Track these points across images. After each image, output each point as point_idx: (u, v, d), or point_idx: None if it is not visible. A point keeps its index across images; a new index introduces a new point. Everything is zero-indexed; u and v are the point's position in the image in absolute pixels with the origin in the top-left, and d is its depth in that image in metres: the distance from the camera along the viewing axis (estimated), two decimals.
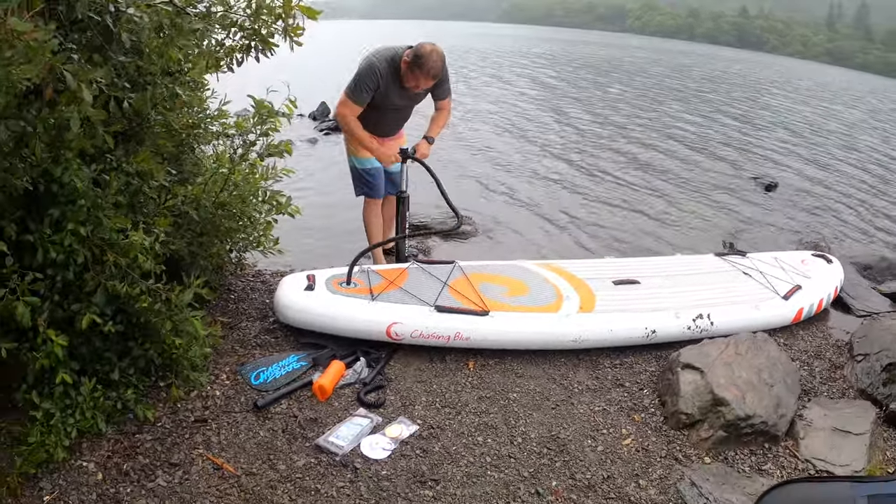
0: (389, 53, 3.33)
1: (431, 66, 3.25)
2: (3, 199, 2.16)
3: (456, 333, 2.96)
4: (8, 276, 2.10)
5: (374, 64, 3.27)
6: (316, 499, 2.28)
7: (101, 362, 2.54)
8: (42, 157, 2.14)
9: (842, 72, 44.38)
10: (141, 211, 2.57)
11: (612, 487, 2.43)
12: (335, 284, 3.12)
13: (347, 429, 2.57)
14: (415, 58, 3.24)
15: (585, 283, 3.38)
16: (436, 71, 3.28)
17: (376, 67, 3.27)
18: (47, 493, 2.19)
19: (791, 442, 2.73)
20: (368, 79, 3.27)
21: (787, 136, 11.16)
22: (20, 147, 2.15)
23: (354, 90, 3.31)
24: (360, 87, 3.29)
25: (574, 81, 18.50)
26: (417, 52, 3.24)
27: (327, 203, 5.54)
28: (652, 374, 3.09)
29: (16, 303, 2.06)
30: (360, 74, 3.29)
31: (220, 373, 2.84)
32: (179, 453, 2.42)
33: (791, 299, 3.43)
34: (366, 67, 3.28)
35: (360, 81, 3.29)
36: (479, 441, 2.60)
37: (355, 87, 3.31)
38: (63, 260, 2.21)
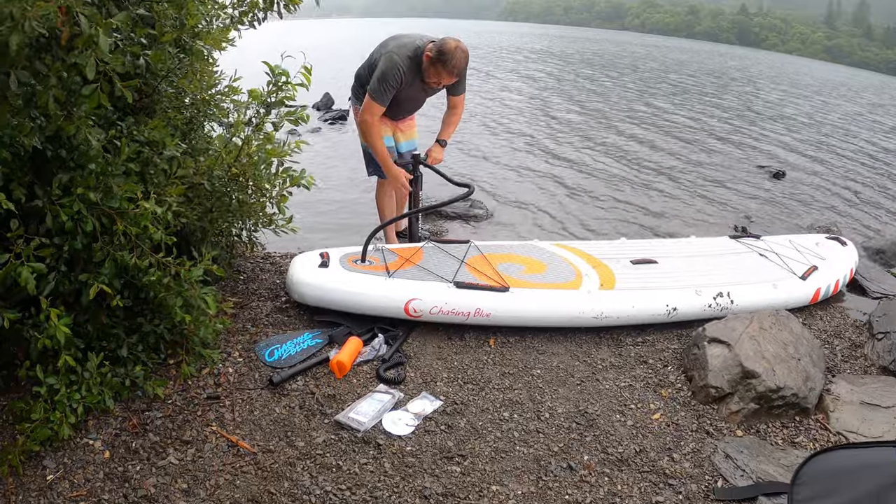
0: (411, 48, 3.22)
1: (455, 64, 3.17)
2: (11, 159, 2.06)
3: (476, 310, 2.87)
4: (13, 239, 1.99)
5: (396, 62, 3.16)
6: (338, 475, 2.17)
7: (109, 339, 2.43)
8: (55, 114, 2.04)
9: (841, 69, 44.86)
10: (151, 181, 2.47)
11: (646, 461, 2.35)
12: (350, 262, 3.03)
13: (368, 405, 2.47)
14: (438, 53, 3.15)
15: (603, 263, 3.31)
16: (459, 68, 3.20)
17: (399, 65, 3.17)
18: (51, 472, 2.08)
19: (821, 415, 2.67)
20: (392, 78, 3.17)
21: (789, 128, 11.23)
22: (30, 106, 2.06)
23: (378, 91, 3.21)
24: (384, 87, 3.19)
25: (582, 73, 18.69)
26: (441, 47, 3.15)
27: (335, 189, 5.51)
28: (675, 351, 3.03)
29: (20, 268, 1.94)
30: (384, 73, 3.17)
31: (232, 350, 2.74)
32: (191, 430, 2.31)
33: (809, 279, 3.39)
34: (389, 66, 3.17)
35: (384, 81, 3.18)
36: (506, 416, 2.52)
37: (379, 88, 3.20)
38: (71, 227, 2.10)
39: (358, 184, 5.55)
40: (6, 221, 2.03)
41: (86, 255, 2.23)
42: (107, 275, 2.18)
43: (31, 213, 2.14)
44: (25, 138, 2.00)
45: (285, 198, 2.76)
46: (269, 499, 2.07)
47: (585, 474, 2.27)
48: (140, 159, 2.41)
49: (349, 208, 5.05)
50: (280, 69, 2.58)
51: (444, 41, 3.19)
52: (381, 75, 3.20)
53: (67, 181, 2.13)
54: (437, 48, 3.17)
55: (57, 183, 2.10)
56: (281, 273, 3.44)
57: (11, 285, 2.02)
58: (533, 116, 10.34)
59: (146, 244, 2.23)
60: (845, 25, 74.98)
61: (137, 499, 2.01)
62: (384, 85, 3.20)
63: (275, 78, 2.58)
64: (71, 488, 2.03)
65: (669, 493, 2.22)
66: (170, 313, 2.50)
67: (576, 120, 10.30)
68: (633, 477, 2.28)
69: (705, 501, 2.20)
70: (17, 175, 2.10)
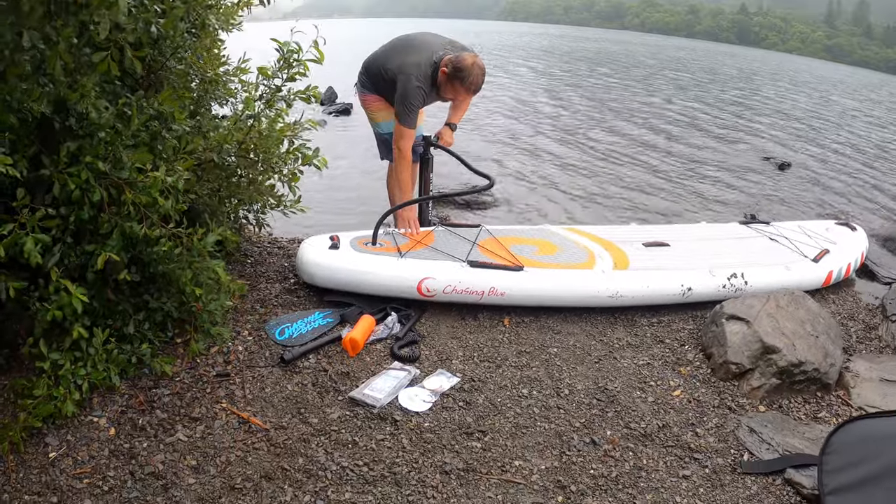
0: (426, 64, 3.14)
1: (472, 81, 3.10)
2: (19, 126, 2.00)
3: (490, 289, 2.82)
4: (18, 209, 1.92)
5: (416, 85, 3.10)
6: (354, 451, 2.11)
7: (115, 316, 2.35)
8: (61, 81, 1.99)
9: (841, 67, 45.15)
10: (161, 156, 2.41)
11: (670, 436, 2.30)
12: (360, 244, 2.97)
13: (384, 381, 2.40)
14: (455, 70, 3.08)
15: (615, 245, 3.28)
16: (477, 85, 3.14)
17: (419, 88, 3.11)
18: (53, 449, 2.00)
19: (842, 391, 2.64)
20: (414, 98, 3.11)
21: (793, 123, 11.33)
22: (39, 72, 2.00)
23: (407, 118, 3.15)
24: (408, 109, 3.13)
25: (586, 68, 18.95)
26: (458, 64, 3.07)
27: (341, 178, 5.52)
28: (691, 331, 2.98)
29: (25, 238, 1.87)
30: (406, 97, 3.10)
31: (241, 329, 2.67)
32: (200, 408, 2.24)
33: (821, 262, 3.37)
34: (410, 89, 3.09)
35: (408, 107, 3.11)
36: (525, 393, 2.46)
37: (407, 115, 3.14)
38: (78, 196, 2.03)
39: (364, 173, 5.54)
40: (12, 191, 1.97)
41: (92, 226, 2.16)
42: (114, 246, 2.12)
43: (37, 183, 2.08)
44: (34, 103, 1.95)
45: (296, 177, 2.70)
46: (282, 475, 2.00)
47: (609, 449, 2.21)
48: (149, 131, 2.36)
49: (356, 197, 5.01)
50: (291, 45, 2.54)
51: (460, 58, 3.09)
52: (404, 99, 3.13)
53: (76, 149, 2.07)
54: (454, 65, 3.08)
55: (65, 151, 2.04)
56: (289, 257, 3.38)
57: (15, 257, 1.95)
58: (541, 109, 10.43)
59: (155, 215, 2.17)
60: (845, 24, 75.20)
61: (144, 475, 1.94)
62: (408, 108, 3.13)
63: (285, 54, 2.54)
64: (74, 465, 1.95)
65: (696, 467, 2.17)
66: (178, 289, 2.44)
67: (582, 112, 10.40)
68: (658, 451, 2.23)
69: (732, 475, 2.16)
70: (22, 144, 2.04)
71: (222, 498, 1.90)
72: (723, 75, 21.71)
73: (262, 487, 1.95)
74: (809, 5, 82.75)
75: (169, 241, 2.19)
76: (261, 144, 2.61)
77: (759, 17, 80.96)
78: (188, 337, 2.47)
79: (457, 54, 3.13)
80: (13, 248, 1.89)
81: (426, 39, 3.31)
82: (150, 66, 2.65)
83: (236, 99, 3.04)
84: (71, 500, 1.83)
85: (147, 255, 2.26)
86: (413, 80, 3.10)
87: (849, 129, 11.39)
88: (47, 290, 1.99)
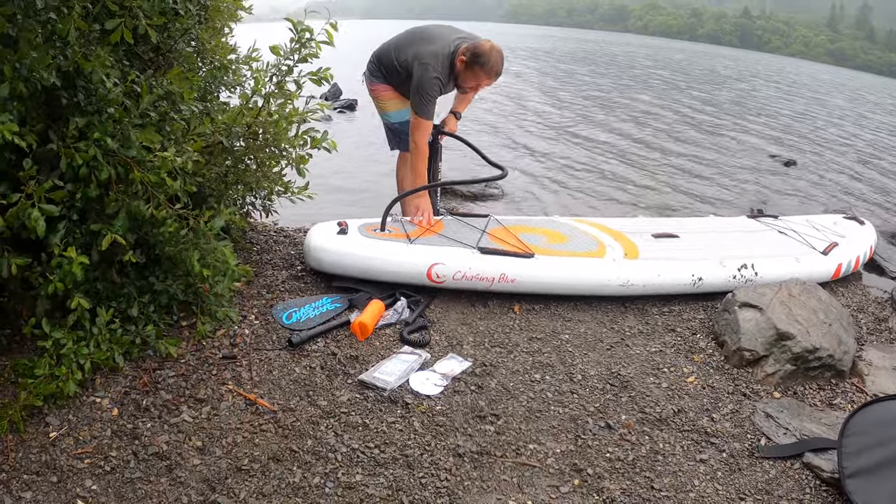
0: (444, 54, 3.10)
1: (494, 65, 3.07)
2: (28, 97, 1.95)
3: (501, 275, 2.79)
4: (25, 180, 1.88)
5: (433, 75, 3.05)
6: (365, 434, 2.06)
7: (119, 299, 2.30)
8: (75, 50, 1.95)
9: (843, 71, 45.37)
10: (169, 138, 2.37)
11: (685, 421, 2.26)
12: (369, 230, 2.93)
13: (394, 364, 2.36)
14: (474, 56, 3.04)
15: (625, 235, 3.25)
16: (498, 69, 3.10)
17: (436, 78, 3.07)
18: (54, 429, 1.95)
19: (856, 378, 2.61)
20: (431, 90, 3.06)
21: (798, 122, 11.46)
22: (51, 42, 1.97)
23: (424, 108, 3.10)
24: (427, 103, 3.09)
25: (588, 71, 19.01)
26: (476, 51, 3.03)
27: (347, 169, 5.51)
28: (702, 321, 2.95)
29: (31, 209, 1.82)
30: (423, 88, 3.05)
31: (247, 314, 2.62)
32: (206, 389, 2.19)
33: (830, 255, 3.35)
34: (427, 80, 3.05)
35: (425, 97, 3.07)
36: (537, 378, 2.42)
37: (423, 105, 3.09)
38: (85, 174, 1.98)
39: (370, 165, 5.55)
40: (18, 163, 1.93)
41: (98, 205, 2.12)
42: (120, 226, 2.07)
43: (44, 157, 2.03)
44: (44, 71, 1.91)
45: (305, 159, 2.66)
46: (291, 456, 1.95)
47: (625, 433, 2.17)
48: (158, 111, 2.32)
49: (362, 189, 5.01)
50: (303, 25, 2.51)
51: (477, 44, 3.07)
52: (420, 89, 3.08)
53: (84, 125, 2.02)
54: (472, 52, 3.05)
55: (73, 125, 1.99)
56: (295, 245, 3.33)
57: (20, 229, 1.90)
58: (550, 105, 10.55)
59: (162, 195, 2.12)
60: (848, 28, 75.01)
61: (148, 456, 1.88)
62: (425, 98, 3.09)
63: (298, 34, 2.51)
64: (76, 445, 1.90)
65: (713, 452, 2.13)
66: (184, 272, 2.39)
67: (589, 111, 10.46)
68: (675, 436, 2.19)
69: (750, 459, 2.12)
70: (31, 117, 2.00)
71: (228, 479, 1.85)
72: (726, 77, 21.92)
73: (270, 469, 1.90)
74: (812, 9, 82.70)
75: (175, 223, 2.15)
76: (269, 126, 2.57)
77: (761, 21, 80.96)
78: (193, 320, 2.43)
79: (473, 41, 3.11)
80: (16, 222, 1.85)
81: (441, 31, 3.29)
82: (160, 48, 2.62)
83: (245, 86, 3.01)
84: (71, 479, 1.78)
85: (153, 236, 2.22)
86: (430, 70, 3.06)
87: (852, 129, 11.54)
88: (49, 265, 1.94)
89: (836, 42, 68.91)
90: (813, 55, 64.16)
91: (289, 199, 2.94)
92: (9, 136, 1.74)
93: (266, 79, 2.60)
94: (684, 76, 19.89)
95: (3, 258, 1.91)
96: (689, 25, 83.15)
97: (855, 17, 78.94)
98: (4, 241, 1.93)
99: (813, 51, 66.73)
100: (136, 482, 1.80)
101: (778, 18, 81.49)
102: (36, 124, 2.01)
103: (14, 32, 1.78)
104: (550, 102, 11.08)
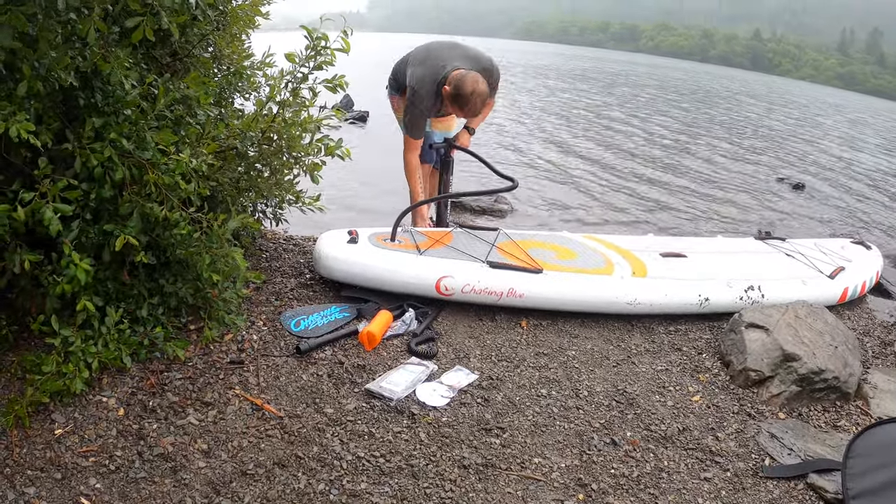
0: (430, 79, 3.18)
1: (471, 108, 3.14)
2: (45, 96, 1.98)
3: (510, 290, 2.80)
4: (39, 178, 1.90)
5: (421, 96, 3.18)
6: (370, 443, 2.06)
7: (128, 299, 2.32)
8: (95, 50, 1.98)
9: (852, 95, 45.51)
10: (184, 140, 2.40)
11: (690, 439, 2.26)
12: (379, 240, 2.95)
13: (401, 375, 2.36)
14: (455, 96, 3.12)
15: (633, 254, 3.26)
16: (475, 112, 3.19)
17: (424, 98, 3.19)
18: (60, 426, 1.95)
19: (861, 401, 2.61)
20: (419, 110, 3.20)
21: (808, 146, 11.53)
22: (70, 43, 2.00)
23: (413, 129, 3.26)
24: (411, 124, 3.25)
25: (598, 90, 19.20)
26: (459, 90, 3.08)
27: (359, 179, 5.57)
28: (708, 341, 2.95)
29: (45, 207, 1.84)
30: (409, 109, 3.21)
31: (256, 320, 2.63)
32: (213, 393, 2.20)
33: (836, 279, 3.36)
34: (416, 100, 3.18)
35: (411, 117, 3.22)
36: (543, 393, 2.42)
37: (413, 127, 3.25)
38: (100, 174, 2.01)
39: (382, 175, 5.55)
40: (33, 161, 1.96)
41: (112, 206, 2.14)
42: (133, 227, 2.09)
43: (59, 158, 2.06)
44: (62, 72, 1.93)
45: (319, 166, 2.69)
46: (296, 462, 1.95)
47: (630, 449, 2.17)
48: (174, 114, 2.36)
49: (373, 198, 5.05)
50: (318, 33, 2.54)
51: (461, 81, 3.09)
52: (408, 110, 3.24)
53: (100, 126, 2.05)
54: (455, 88, 3.10)
55: (90, 126, 2.02)
56: (304, 253, 3.36)
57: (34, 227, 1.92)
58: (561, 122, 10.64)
59: (176, 198, 2.15)
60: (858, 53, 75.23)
61: (153, 457, 1.89)
62: (411, 118, 3.23)
63: (313, 42, 2.54)
64: (81, 443, 1.90)
65: (717, 470, 2.13)
66: (194, 275, 2.41)
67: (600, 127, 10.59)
68: (679, 454, 2.18)
69: (754, 479, 2.11)
70: (47, 116, 2.03)
71: (233, 482, 1.85)
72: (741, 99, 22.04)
73: (275, 474, 1.90)
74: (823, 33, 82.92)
75: (188, 226, 2.17)
76: (284, 132, 2.60)
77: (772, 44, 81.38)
78: (202, 324, 2.44)
79: (461, 77, 3.11)
80: (31, 219, 1.87)
81: (441, 52, 3.33)
82: (177, 52, 2.67)
83: (259, 93, 3.05)
84: (76, 477, 1.78)
85: (165, 238, 2.24)
86: (416, 94, 3.19)
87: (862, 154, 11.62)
88: (60, 264, 1.97)
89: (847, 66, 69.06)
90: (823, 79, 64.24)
91: (299, 208, 2.96)
92: (24, 135, 1.77)
93: (281, 85, 2.65)
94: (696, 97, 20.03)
95: (17, 254, 1.94)
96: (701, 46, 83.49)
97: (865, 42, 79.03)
98: (18, 236, 1.96)
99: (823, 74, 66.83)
100: (140, 482, 1.80)
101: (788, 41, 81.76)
102: (52, 123, 2.04)
103: (34, 32, 1.80)
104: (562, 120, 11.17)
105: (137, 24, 1.92)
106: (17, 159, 1.99)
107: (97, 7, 1.90)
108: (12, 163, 1.98)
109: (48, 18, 1.85)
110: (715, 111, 16.48)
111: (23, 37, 1.79)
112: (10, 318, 2.28)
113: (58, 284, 1.95)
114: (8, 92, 1.82)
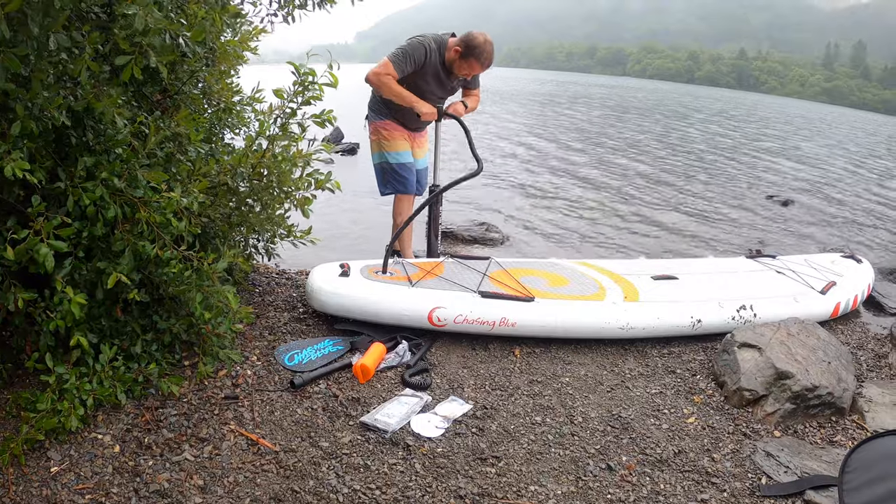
0: (436, 38, 3.31)
1: (486, 57, 3.27)
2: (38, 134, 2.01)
3: (502, 319, 2.81)
4: (33, 216, 1.93)
5: (424, 42, 3.26)
6: (366, 475, 2.06)
7: (122, 336, 2.34)
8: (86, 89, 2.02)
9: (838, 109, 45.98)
10: (175, 178, 2.44)
11: (686, 461, 2.25)
12: (371, 272, 2.98)
13: (395, 407, 2.37)
14: (468, 48, 3.24)
15: (624, 278, 3.29)
16: (490, 60, 3.30)
17: (427, 45, 3.26)
18: (55, 463, 1.96)
19: (856, 416, 2.61)
20: (417, 53, 3.24)
21: (794, 162, 11.70)
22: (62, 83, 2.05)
23: (400, 58, 3.25)
24: (407, 57, 3.25)
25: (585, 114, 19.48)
26: (469, 42, 3.23)
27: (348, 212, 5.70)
28: (701, 362, 2.96)
29: (39, 245, 1.87)
30: (411, 47, 3.26)
31: (249, 355, 2.64)
32: (208, 428, 2.20)
33: (828, 294, 3.38)
34: (416, 43, 3.26)
35: (408, 53, 3.25)
36: (538, 420, 2.42)
37: (402, 56, 3.25)
38: (92, 212, 2.04)
39: (372, 207, 5.64)
40: (27, 200, 1.99)
41: (104, 244, 2.17)
42: (126, 265, 2.12)
43: (52, 196, 2.09)
44: (55, 111, 1.97)
45: (310, 200, 2.73)
46: (292, 497, 1.95)
47: (626, 474, 2.16)
48: (164, 152, 2.40)
49: (364, 230, 5.10)
50: (305, 68, 2.59)
51: (470, 36, 3.26)
52: (407, 47, 3.27)
53: (92, 165, 2.09)
54: (465, 42, 3.24)
55: (81, 165, 2.06)
56: (297, 287, 3.38)
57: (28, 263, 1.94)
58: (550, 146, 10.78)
59: (168, 236, 2.18)
60: (843, 67, 76.41)
61: (149, 493, 1.89)
62: (408, 55, 3.25)
63: (301, 77, 2.60)
64: (77, 480, 1.90)
65: (714, 492, 2.12)
66: (187, 312, 2.43)
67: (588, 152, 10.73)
68: (675, 476, 2.18)
69: (751, 499, 2.10)
70: (40, 155, 2.06)
71: None
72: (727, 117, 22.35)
73: None
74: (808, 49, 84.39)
75: (179, 264, 2.19)
76: (274, 168, 2.64)
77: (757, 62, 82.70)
78: (196, 359, 2.46)
79: (467, 33, 3.28)
80: (24, 257, 1.89)
81: None
82: (167, 90, 2.72)
83: (249, 128, 3.10)
84: None
85: (157, 275, 2.26)
86: (422, 39, 3.28)
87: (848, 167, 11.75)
88: (53, 301, 1.99)
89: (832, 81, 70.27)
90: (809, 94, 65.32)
91: (291, 242, 2.99)
92: (20, 174, 1.81)
93: (270, 121, 2.70)
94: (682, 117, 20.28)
95: (11, 292, 1.96)
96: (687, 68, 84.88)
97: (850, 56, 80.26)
98: (12, 275, 1.98)
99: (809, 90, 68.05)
100: None
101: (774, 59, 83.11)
102: (45, 162, 2.08)
103: (27, 73, 1.85)
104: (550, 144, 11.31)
105: (126, 62, 1.96)
106: (10, 197, 2.02)
107: (88, 47, 1.95)
108: (5, 201, 2.02)
109: (40, 59, 1.90)
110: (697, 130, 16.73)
111: (16, 77, 1.84)
112: (5, 356, 2.30)
113: (52, 321, 1.97)
114: (2, 131, 1.87)
